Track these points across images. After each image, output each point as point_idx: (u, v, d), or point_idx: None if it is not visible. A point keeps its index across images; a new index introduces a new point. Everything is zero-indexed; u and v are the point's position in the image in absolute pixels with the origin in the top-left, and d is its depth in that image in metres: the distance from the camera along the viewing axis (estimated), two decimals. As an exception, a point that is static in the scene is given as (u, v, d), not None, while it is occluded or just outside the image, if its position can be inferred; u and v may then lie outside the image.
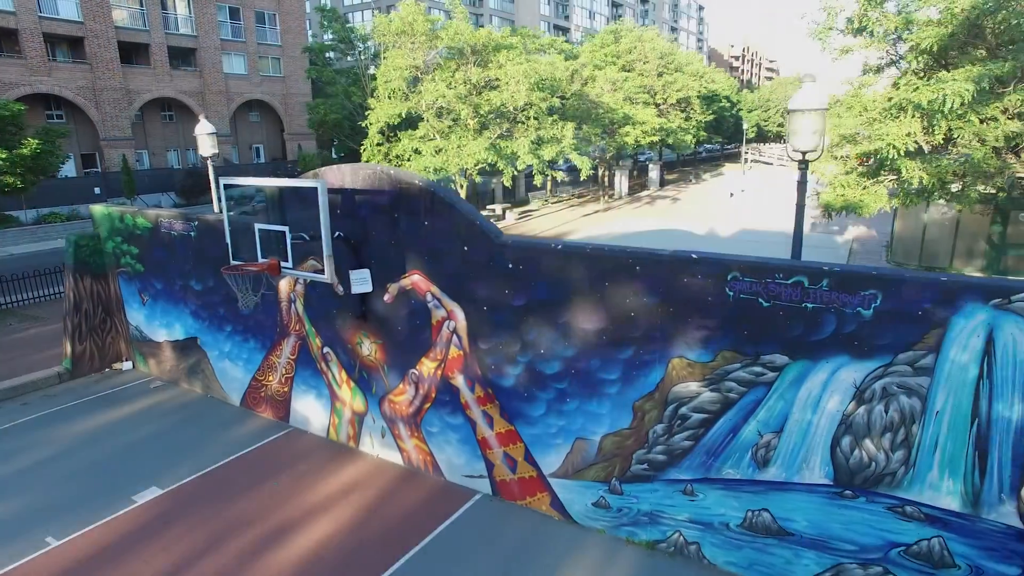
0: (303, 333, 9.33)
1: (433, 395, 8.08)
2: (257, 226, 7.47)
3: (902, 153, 9.67)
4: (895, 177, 12.18)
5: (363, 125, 22.17)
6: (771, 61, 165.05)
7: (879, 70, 12.19)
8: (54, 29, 30.72)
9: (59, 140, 17.52)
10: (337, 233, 7.84)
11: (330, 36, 26.21)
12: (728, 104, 61.44)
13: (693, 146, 47.96)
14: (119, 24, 33.20)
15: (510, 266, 6.99)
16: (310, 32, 56.01)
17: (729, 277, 5.87)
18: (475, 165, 19.88)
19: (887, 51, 10.87)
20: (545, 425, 7.26)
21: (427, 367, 8.01)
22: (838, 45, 11.50)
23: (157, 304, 11.89)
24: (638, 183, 45.74)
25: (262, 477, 8.58)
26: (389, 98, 21.25)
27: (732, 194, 39.29)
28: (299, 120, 44.43)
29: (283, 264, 7.38)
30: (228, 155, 40.15)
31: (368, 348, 8.54)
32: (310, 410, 9.68)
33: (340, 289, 8.48)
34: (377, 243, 7.93)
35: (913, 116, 9.30)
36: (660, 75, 40.89)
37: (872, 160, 12.53)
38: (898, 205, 12.70)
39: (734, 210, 32.87)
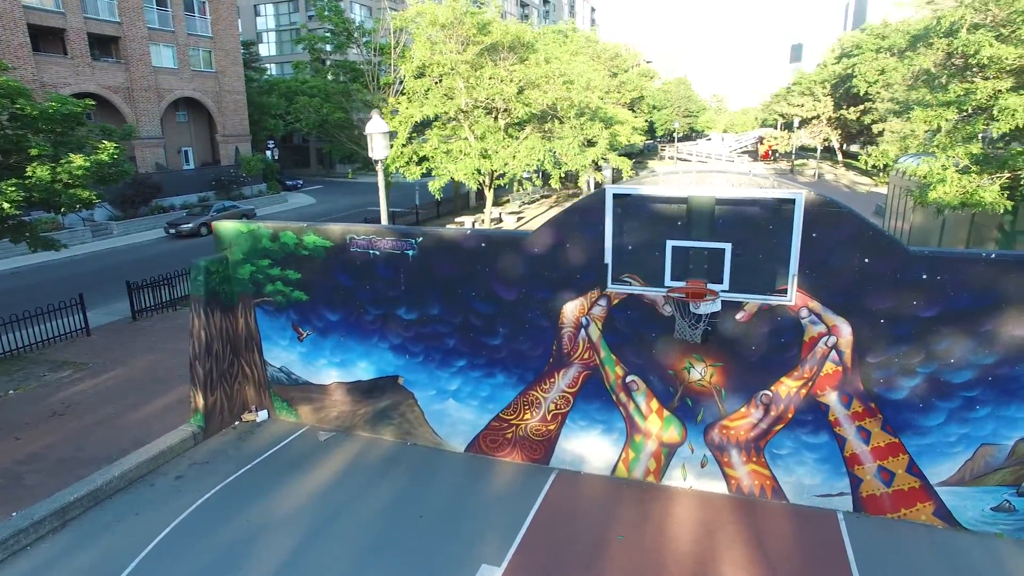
0: (593, 362, 8.38)
1: (790, 416, 7.65)
2: (671, 243, 6.52)
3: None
4: (1009, 175, 13.53)
5: (393, 125, 20.40)
6: (648, 62, 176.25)
7: None
8: (-57, 8, 24.87)
9: (122, 143, 14.23)
10: (693, 245, 7.13)
11: (328, 27, 23.67)
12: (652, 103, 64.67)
13: (640, 145, 49.90)
14: (26, 3, 27.58)
15: (924, 277, 6.78)
16: (307, 20, 50.16)
17: None
18: (531, 168, 19.10)
19: None
20: (942, 434, 7.15)
21: (787, 387, 7.56)
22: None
23: (327, 339, 10.08)
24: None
25: (592, 533, 7.57)
26: (427, 94, 19.73)
27: None
28: (233, 120, 39.94)
29: (711, 286, 6.52)
30: (159, 159, 35.10)
31: (700, 372, 7.87)
32: (588, 448, 8.73)
33: (668, 309, 7.75)
34: (737, 258, 7.31)
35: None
36: (614, 75, 42.04)
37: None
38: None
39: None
